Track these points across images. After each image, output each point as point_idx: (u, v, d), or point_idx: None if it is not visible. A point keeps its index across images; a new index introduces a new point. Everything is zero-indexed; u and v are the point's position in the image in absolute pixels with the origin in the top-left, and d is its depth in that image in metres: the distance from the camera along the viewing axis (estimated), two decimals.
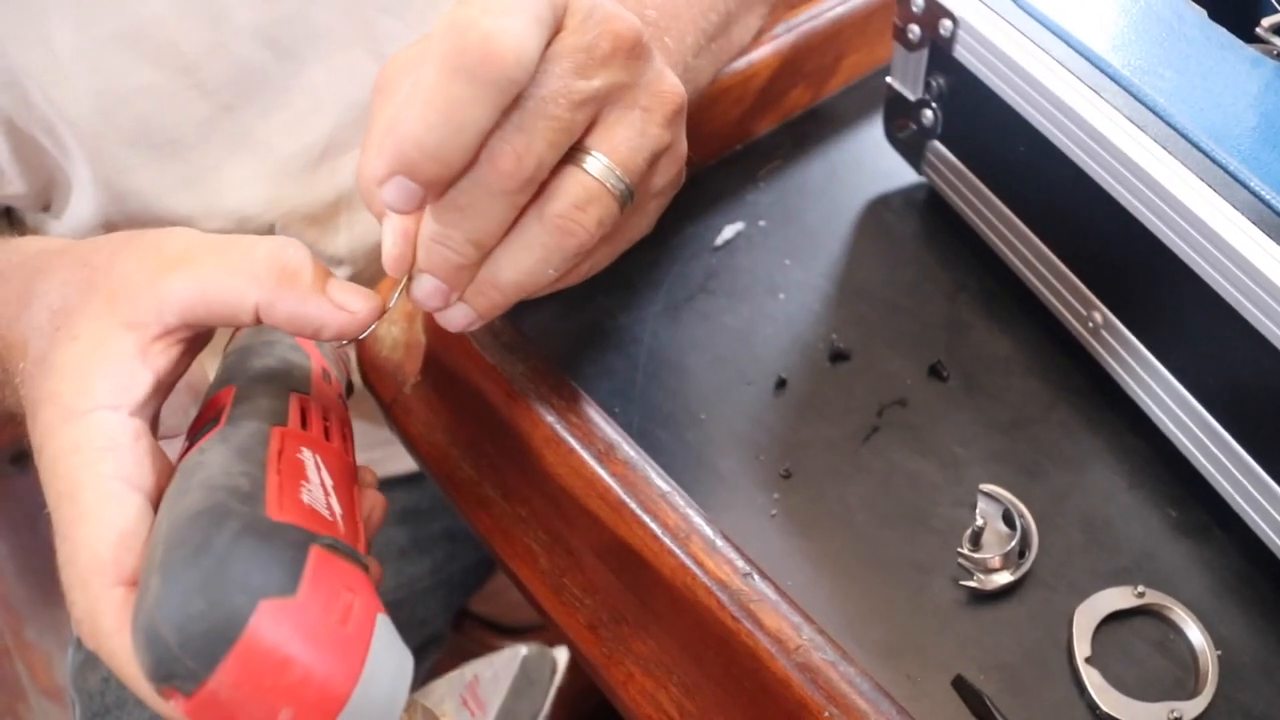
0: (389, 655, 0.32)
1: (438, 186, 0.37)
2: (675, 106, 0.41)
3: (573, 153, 0.39)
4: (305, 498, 0.35)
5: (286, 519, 0.32)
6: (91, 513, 0.36)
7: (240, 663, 0.29)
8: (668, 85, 0.41)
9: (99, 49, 0.56)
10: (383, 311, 0.40)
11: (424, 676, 0.84)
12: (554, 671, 0.43)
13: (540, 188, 0.38)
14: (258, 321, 0.39)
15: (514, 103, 0.36)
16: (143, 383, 0.38)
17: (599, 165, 0.39)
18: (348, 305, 0.39)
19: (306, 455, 0.38)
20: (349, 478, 0.40)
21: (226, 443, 0.36)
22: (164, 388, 0.40)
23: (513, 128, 0.36)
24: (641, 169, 0.40)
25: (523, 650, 0.43)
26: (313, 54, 0.61)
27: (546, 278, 0.40)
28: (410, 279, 0.40)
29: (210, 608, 0.29)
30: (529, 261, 0.39)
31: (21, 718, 1.40)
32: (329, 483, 0.37)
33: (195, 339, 0.40)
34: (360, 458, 0.45)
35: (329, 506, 0.36)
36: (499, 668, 0.44)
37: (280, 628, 0.29)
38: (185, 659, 0.29)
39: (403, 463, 0.79)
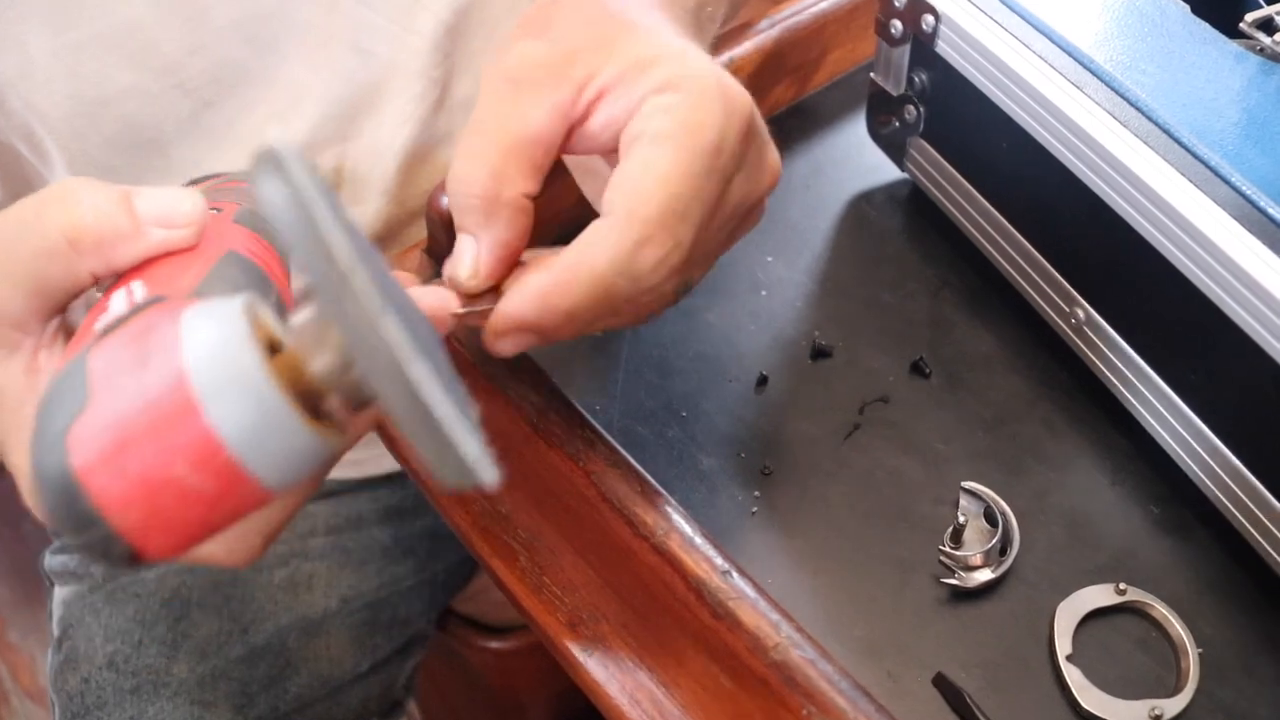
0: (207, 338, 0.28)
1: None
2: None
3: None
4: (98, 325, 0.32)
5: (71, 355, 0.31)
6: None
7: (102, 491, 0.27)
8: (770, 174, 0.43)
9: (78, 53, 0.56)
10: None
11: (407, 676, 0.84)
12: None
13: None
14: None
15: None
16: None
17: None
18: (174, 221, 0.36)
19: (117, 293, 0.35)
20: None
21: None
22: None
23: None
24: None
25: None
26: (293, 49, 0.61)
27: None
28: (477, 306, 0.40)
29: (44, 471, 0.27)
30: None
31: (3, 719, 1.39)
32: (139, 281, 0.35)
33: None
34: (343, 458, 0.45)
35: (131, 301, 0.33)
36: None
37: (93, 437, 0.27)
38: (70, 523, 0.27)
39: (385, 462, 0.78)
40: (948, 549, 0.46)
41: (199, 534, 0.29)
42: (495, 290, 0.40)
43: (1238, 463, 0.44)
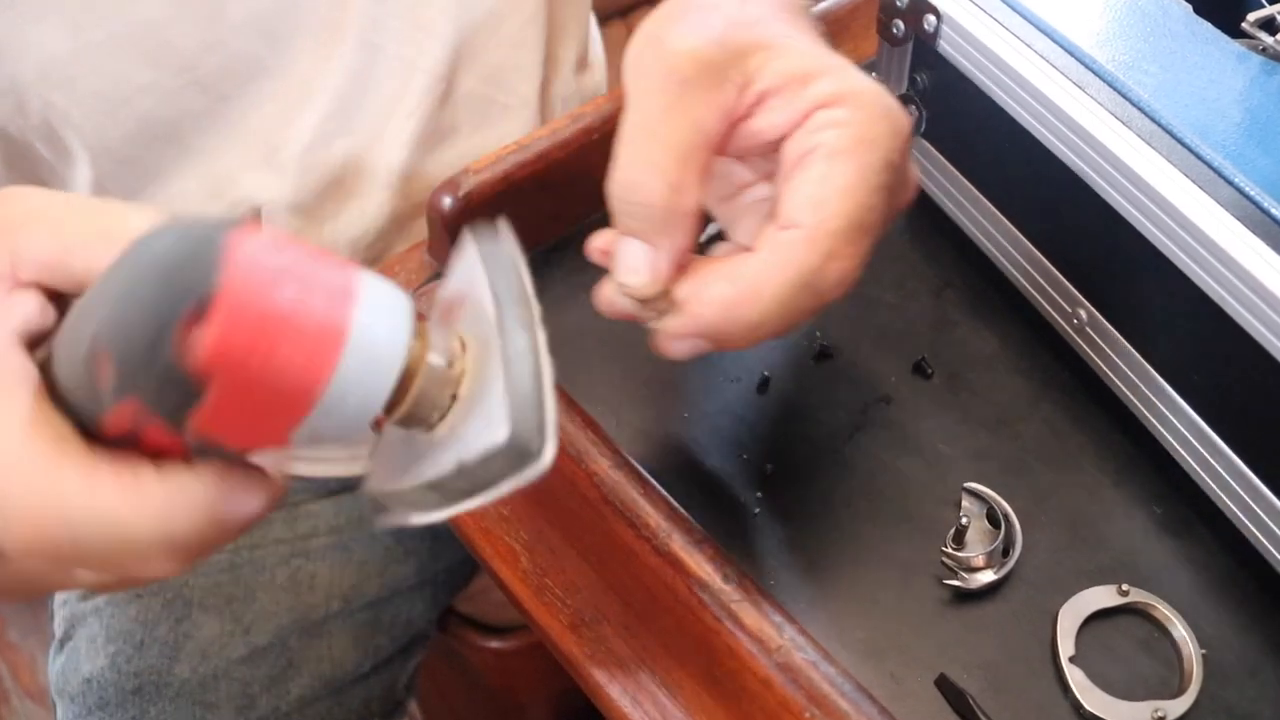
0: (382, 291, 0.30)
1: None
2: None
3: None
4: None
5: None
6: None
7: (220, 339, 0.27)
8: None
9: (97, 53, 0.57)
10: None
11: (409, 676, 0.84)
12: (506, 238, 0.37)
13: None
14: None
15: None
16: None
17: None
18: None
19: None
20: None
21: None
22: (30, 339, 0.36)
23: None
24: None
25: (468, 241, 0.37)
26: (304, 42, 0.61)
27: None
28: (651, 306, 0.40)
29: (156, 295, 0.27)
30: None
31: (4, 719, 1.39)
32: None
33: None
34: (344, 454, 0.45)
35: None
36: (458, 270, 0.39)
37: (237, 295, 0.27)
38: (152, 356, 0.27)
39: None
40: (950, 550, 0.46)
41: (246, 430, 0.29)
42: (665, 293, 0.40)
43: (1240, 463, 0.44)
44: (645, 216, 0.39)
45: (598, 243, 0.43)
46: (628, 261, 0.40)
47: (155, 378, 0.28)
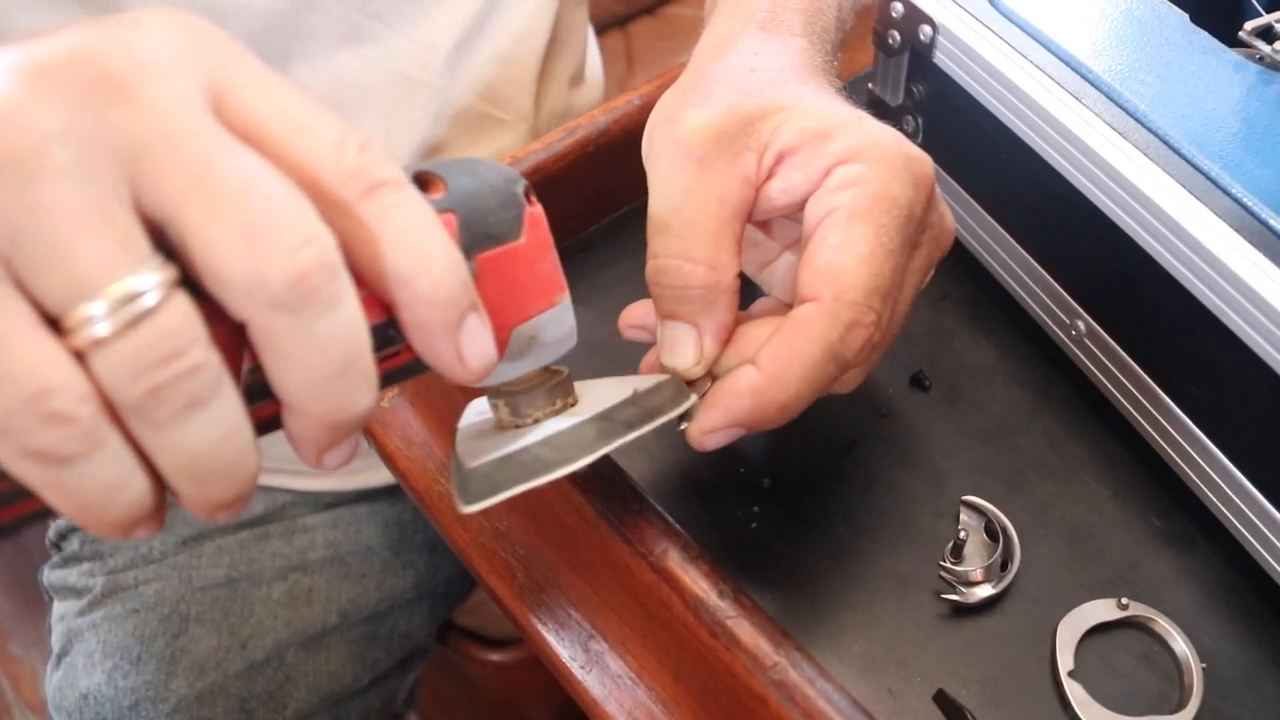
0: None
1: None
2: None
3: None
4: None
5: None
6: None
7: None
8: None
9: None
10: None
11: (408, 689, 0.83)
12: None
13: None
14: None
15: None
16: None
17: None
18: None
19: None
20: None
21: None
22: None
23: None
24: None
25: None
26: (300, 55, 0.61)
27: None
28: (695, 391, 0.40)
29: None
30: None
31: None
32: None
33: None
34: (341, 469, 0.44)
35: None
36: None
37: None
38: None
39: (384, 474, 0.78)
40: (948, 564, 0.46)
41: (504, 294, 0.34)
42: (709, 374, 0.40)
43: (1240, 475, 0.43)
44: (686, 299, 0.39)
45: (632, 319, 0.44)
46: (673, 345, 0.40)
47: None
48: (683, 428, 0.40)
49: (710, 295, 0.39)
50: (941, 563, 0.46)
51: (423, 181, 0.33)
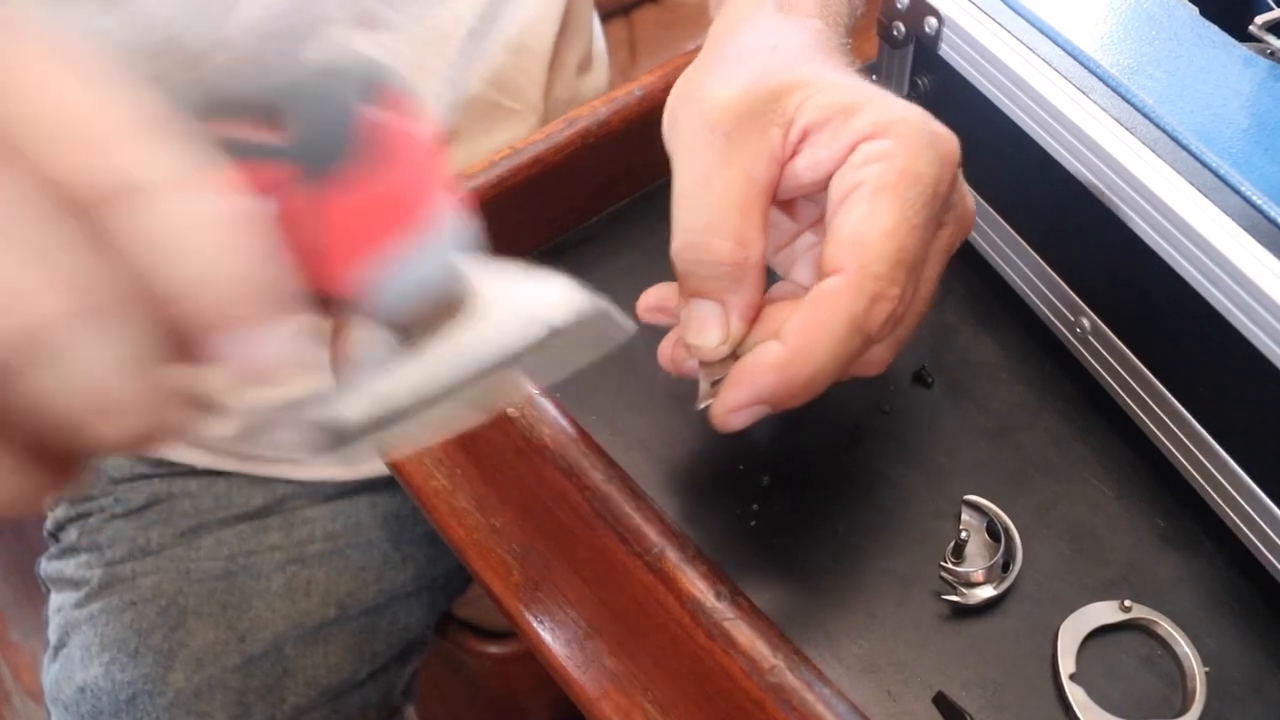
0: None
1: None
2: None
3: None
4: None
5: None
6: None
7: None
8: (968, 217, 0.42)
9: (98, 42, 0.56)
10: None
11: (406, 682, 0.83)
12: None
13: None
14: None
15: None
16: None
17: None
18: None
19: None
20: None
21: None
22: None
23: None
24: None
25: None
26: (310, 40, 0.61)
27: None
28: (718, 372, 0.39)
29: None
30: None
31: (4, 719, 1.39)
32: None
33: None
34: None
35: None
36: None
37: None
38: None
39: (378, 464, 0.78)
40: (949, 565, 0.45)
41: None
42: (733, 355, 0.40)
43: (1245, 476, 0.43)
44: (715, 275, 0.38)
45: (651, 301, 0.43)
46: (700, 324, 0.39)
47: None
48: (704, 406, 0.40)
49: (738, 272, 0.38)
50: (942, 563, 0.45)
51: (266, 119, 0.29)
